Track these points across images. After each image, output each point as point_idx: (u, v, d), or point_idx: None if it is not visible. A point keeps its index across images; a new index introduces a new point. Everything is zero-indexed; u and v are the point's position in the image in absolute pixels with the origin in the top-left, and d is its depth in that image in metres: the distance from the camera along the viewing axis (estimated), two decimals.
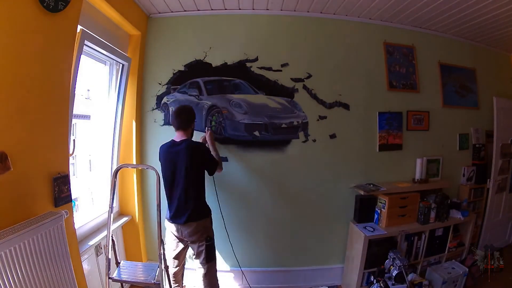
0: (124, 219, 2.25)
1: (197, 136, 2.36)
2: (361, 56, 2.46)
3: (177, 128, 1.85)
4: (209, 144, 2.11)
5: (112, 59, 2.07)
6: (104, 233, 1.87)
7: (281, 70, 2.37)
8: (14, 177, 1.14)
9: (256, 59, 2.36)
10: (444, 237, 2.48)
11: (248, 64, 2.36)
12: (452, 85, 2.73)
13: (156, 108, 2.39)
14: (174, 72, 2.36)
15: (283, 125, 2.36)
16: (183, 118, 1.84)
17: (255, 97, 2.36)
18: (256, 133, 2.34)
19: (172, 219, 1.82)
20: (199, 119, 2.35)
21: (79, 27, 1.54)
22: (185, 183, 1.77)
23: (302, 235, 2.49)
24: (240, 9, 2.32)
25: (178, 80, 2.36)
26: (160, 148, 1.91)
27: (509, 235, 3.18)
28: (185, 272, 2.46)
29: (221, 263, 2.48)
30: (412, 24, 2.53)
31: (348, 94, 2.44)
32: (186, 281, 2.49)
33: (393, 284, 2.13)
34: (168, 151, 1.83)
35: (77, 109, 1.74)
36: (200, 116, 2.35)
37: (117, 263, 1.82)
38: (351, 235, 2.41)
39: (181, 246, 1.91)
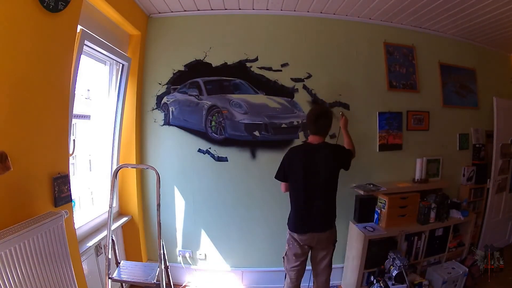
0: (124, 219, 2.25)
1: (198, 140, 2.38)
2: (361, 56, 2.46)
3: (315, 134, 1.76)
4: (342, 130, 2.08)
5: (112, 59, 2.07)
6: (104, 233, 1.87)
7: (281, 70, 2.37)
8: (14, 177, 1.14)
9: (256, 59, 2.36)
10: (444, 237, 2.47)
11: (248, 64, 2.36)
12: (452, 85, 2.73)
13: (156, 108, 2.39)
14: (174, 72, 2.36)
15: (283, 125, 2.36)
16: (323, 124, 1.74)
17: (255, 97, 2.36)
18: (256, 133, 2.34)
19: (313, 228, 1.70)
20: (199, 119, 2.36)
21: (79, 27, 1.54)
22: (326, 188, 1.72)
23: None
24: (240, 9, 2.32)
25: (178, 80, 2.37)
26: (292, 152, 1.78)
27: (509, 235, 3.18)
28: (185, 272, 2.47)
29: (221, 263, 2.48)
30: (412, 24, 2.53)
31: (348, 94, 2.44)
32: (186, 281, 2.50)
33: (393, 284, 2.13)
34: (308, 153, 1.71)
35: (77, 109, 1.74)
36: (200, 116, 2.35)
37: (117, 263, 1.82)
38: (351, 235, 2.41)
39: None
